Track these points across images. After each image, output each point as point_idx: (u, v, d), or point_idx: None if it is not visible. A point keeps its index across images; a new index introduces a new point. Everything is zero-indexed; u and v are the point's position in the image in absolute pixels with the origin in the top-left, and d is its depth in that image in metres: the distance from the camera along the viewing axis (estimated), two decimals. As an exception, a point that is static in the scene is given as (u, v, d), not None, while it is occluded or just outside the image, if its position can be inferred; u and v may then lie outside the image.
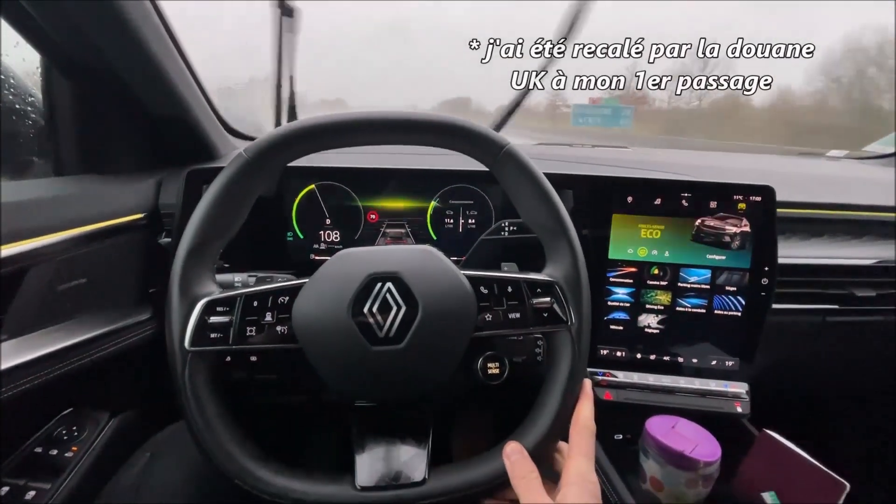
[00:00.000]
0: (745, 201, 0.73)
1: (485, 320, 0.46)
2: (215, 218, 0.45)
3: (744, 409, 0.73)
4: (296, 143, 0.46)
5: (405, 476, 0.44)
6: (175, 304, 0.43)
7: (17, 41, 0.60)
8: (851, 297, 0.80)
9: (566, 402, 0.46)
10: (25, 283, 0.52)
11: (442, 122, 0.47)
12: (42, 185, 0.65)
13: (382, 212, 0.79)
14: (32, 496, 0.54)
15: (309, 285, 0.45)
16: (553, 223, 0.47)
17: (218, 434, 0.43)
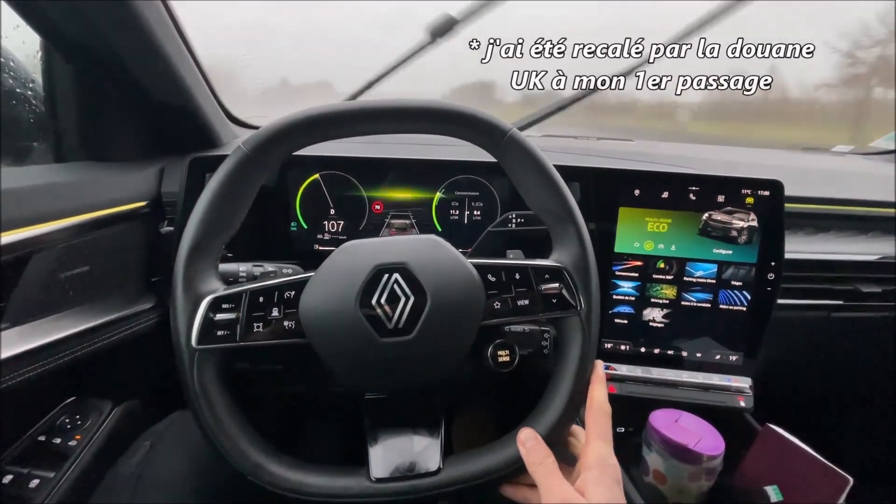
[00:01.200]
0: (754, 195, 0.72)
1: (493, 308, 0.46)
2: (216, 214, 0.44)
3: (747, 404, 0.73)
4: (294, 135, 0.45)
5: (420, 466, 0.44)
6: (180, 302, 0.43)
7: (17, 23, 0.59)
8: (857, 292, 0.80)
9: (578, 385, 0.46)
10: (28, 270, 0.51)
11: (444, 109, 0.46)
12: (43, 171, 0.64)
13: (387, 202, 0.78)
14: (36, 484, 0.53)
15: (315, 279, 0.44)
16: (559, 208, 0.47)
17: (230, 432, 0.43)
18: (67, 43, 0.63)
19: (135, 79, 0.67)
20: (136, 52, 0.64)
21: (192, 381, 0.42)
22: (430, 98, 0.47)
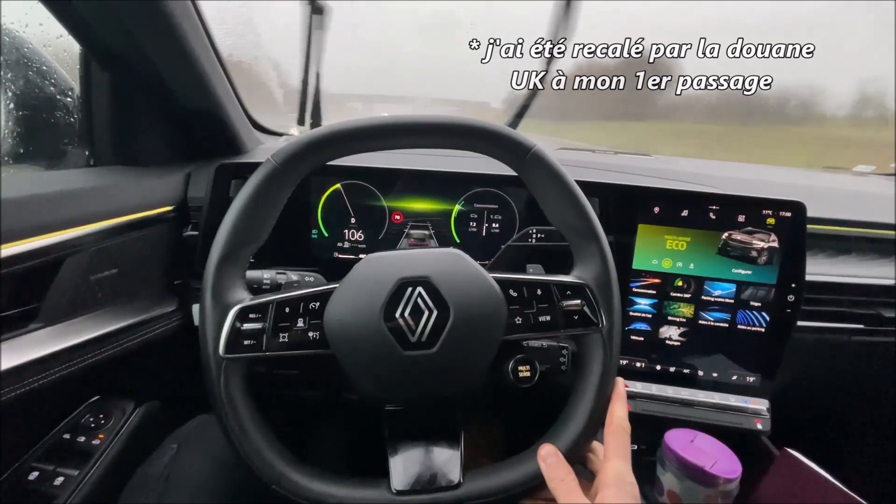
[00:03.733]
0: (775, 216, 0.72)
1: (515, 323, 0.46)
2: (246, 224, 0.45)
3: (764, 426, 0.72)
4: (323, 149, 0.46)
5: (440, 479, 0.45)
6: (209, 311, 0.44)
7: (60, 33, 0.61)
8: (878, 317, 0.78)
9: (599, 402, 0.46)
10: (62, 271, 0.53)
11: (469, 125, 0.47)
12: (79, 175, 0.66)
13: (407, 213, 0.79)
14: (61, 482, 0.55)
15: (340, 290, 0.45)
16: (582, 225, 0.47)
17: (255, 440, 0.44)
18: (106, 52, 0.65)
19: (168, 86, 0.69)
20: (172, 62, 0.66)
21: (219, 390, 0.43)
22: (454, 114, 0.48)
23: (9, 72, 0.63)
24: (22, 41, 0.64)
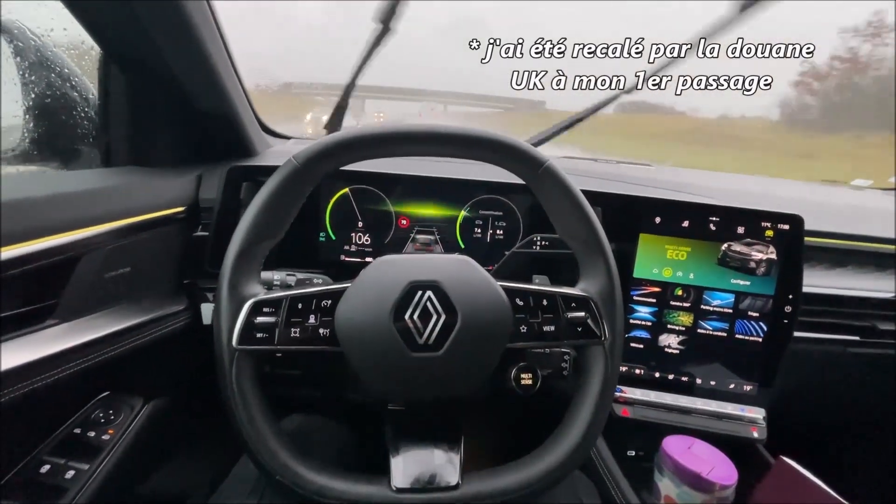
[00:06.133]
0: (773, 229, 0.73)
1: (520, 332, 0.47)
2: (265, 221, 0.47)
3: (760, 435, 0.73)
4: (343, 153, 0.48)
5: (439, 480, 0.46)
6: (224, 303, 0.45)
7: (83, 40, 0.63)
8: (874, 329, 0.80)
9: (598, 416, 0.47)
10: (79, 269, 0.54)
11: (485, 137, 0.48)
12: (94, 175, 0.68)
13: (413, 218, 0.80)
14: (72, 476, 0.56)
15: (352, 290, 0.46)
16: (590, 239, 0.49)
17: (261, 430, 0.45)
18: (125, 55, 0.67)
19: (183, 89, 0.71)
20: (189, 65, 0.68)
21: (231, 379, 0.44)
22: (469, 125, 0.49)
23: (32, 74, 0.64)
24: (45, 45, 0.66)
